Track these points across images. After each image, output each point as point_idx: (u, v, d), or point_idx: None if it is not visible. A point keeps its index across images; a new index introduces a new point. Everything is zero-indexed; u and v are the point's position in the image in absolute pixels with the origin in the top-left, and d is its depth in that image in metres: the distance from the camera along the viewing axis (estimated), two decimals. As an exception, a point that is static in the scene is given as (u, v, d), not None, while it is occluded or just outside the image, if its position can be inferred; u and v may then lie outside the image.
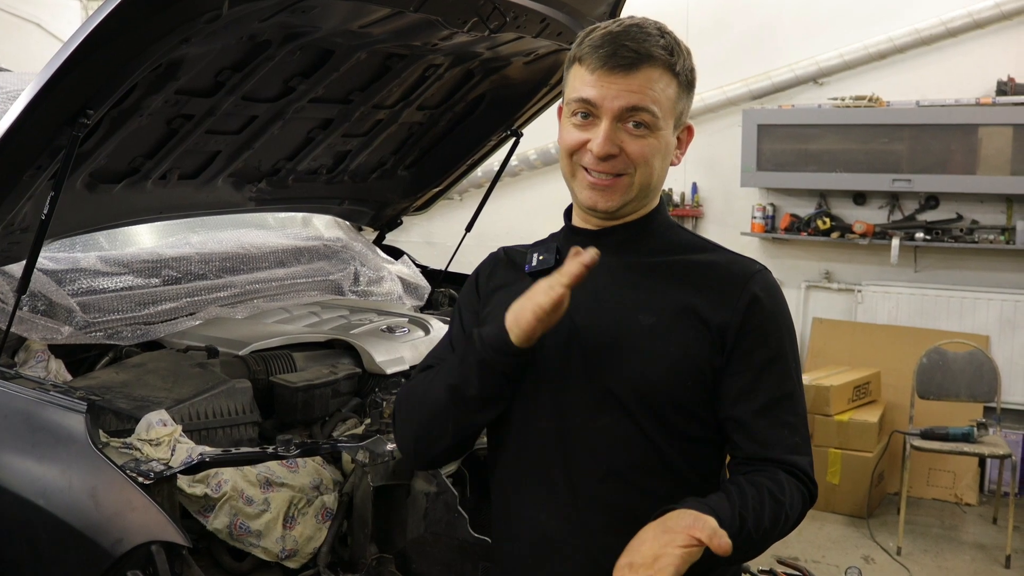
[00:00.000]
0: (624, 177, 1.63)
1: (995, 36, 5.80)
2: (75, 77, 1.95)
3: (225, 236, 3.30)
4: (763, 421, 1.62)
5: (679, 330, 1.61)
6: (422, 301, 3.75)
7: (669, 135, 1.66)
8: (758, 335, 1.63)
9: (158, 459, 1.98)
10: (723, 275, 1.67)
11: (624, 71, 1.59)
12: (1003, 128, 5.56)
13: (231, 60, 2.42)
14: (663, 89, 1.62)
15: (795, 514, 1.61)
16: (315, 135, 3.07)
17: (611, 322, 1.64)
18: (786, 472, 1.61)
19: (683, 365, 1.60)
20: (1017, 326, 5.79)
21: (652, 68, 1.60)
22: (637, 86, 1.59)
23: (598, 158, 1.61)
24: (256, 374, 2.52)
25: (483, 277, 1.84)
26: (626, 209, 1.67)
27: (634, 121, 1.61)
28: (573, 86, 1.65)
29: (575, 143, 1.64)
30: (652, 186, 1.67)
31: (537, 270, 1.71)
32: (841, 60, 6.09)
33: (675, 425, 1.62)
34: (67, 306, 2.56)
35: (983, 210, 5.91)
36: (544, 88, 3.35)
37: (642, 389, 1.60)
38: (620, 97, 1.59)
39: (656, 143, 1.63)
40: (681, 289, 1.65)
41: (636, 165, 1.62)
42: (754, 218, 6.38)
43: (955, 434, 4.88)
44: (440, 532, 2.17)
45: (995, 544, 4.98)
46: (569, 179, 1.69)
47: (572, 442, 1.62)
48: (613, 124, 1.60)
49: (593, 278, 1.63)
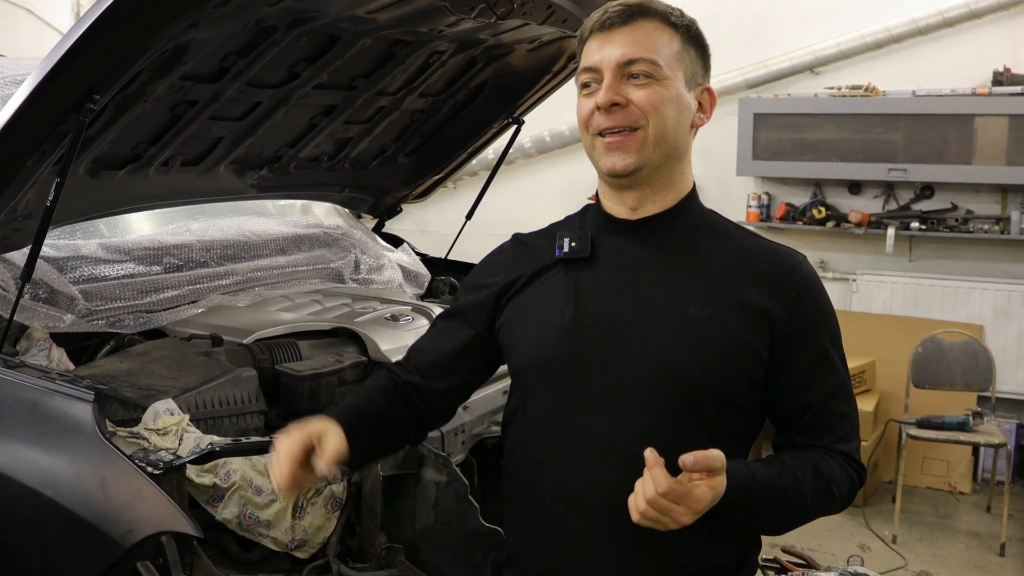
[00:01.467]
0: (637, 131, 1.60)
1: (992, 26, 5.80)
2: (82, 61, 1.91)
3: (225, 223, 3.28)
4: (819, 415, 1.64)
5: (732, 322, 1.59)
6: (422, 289, 3.73)
7: (680, 88, 1.63)
8: (809, 328, 1.63)
9: (166, 448, 1.96)
10: (769, 267, 1.65)
11: (619, 25, 1.61)
12: (999, 118, 5.56)
13: (237, 45, 2.39)
14: (665, 42, 1.62)
15: (842, 493, 1.63)
16: (317, 122, 3.04)
17: (660, 315, 1.60)
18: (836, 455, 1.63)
19: (735, 359, 1.59)
20: (1011, 315, 5.81)
21: (647, 20, 1.61)
22: (633, 38, 1.60)
23: (604, 108, 1.59)
24: (261, 363, 2.49)
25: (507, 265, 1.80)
26: (647, 172, 1.63)
27: (633, 73, 1.60)
28: (581, 63, 1.66)
29: (586, 112, 1.64)
30: (670, 142, 1.63)
31: (570, 257, 1.69)
32: (838, 49, 6.08)
33: (720, 421, 1.61)
34: (69, 294, 2.53)
35: (978, 200, 5.92)
36: (547, 75, 3.33)
37: (696, 385, 1.57)
38: (616, 50, 1.60)
39: (664, 91, 1.61)
40: (729, 281, 1.62)
41: (646, 114, 1.60)
42: (749, 207, 6.37)
43: (951, 423, 4.89)
44: (450, 522, 2.15)
45: (989, 532, 5.01)
46: (591, 153, 1.68)
47: (604, 441, 1.59)
48: (615, 78, 1.60)
49: (633, 268, 1.61)
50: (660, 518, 1.43)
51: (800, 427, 1.65)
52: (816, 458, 1.62)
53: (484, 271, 1.84)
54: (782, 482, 1.55)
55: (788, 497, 1.56)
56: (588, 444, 1.60)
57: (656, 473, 1.41)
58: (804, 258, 1.70)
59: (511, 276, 1.76)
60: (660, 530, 1.45)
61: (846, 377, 1.68)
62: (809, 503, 1.59)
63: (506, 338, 1.74)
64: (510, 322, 1.73)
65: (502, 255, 1.84)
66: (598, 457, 1.59)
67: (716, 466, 1.44)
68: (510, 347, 1.73)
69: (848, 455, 1.66)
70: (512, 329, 1.73)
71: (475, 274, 1.86)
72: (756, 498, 1.53)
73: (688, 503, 1.42)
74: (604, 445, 1.58)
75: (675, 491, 1.40)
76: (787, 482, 1.56)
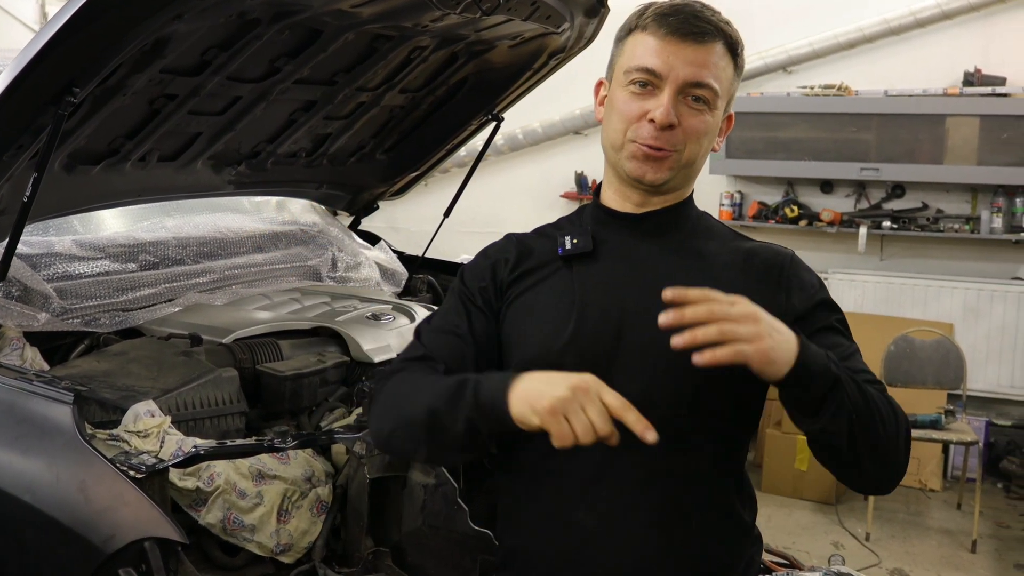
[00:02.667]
0: (674, 154, 1.60)
1: (963, 27, 5.86)
2: (62, 53, 1.86)
3: (201, 220, 3.21)
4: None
5: None
6: (400, 287, 3.69)
7: (720, 116, 1.64)
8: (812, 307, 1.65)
9: (148, 451, 1.91)
10: (764, 262, 1.67)
11: (693, 41, 1.57)
12: (970, 118, 5.62)
13: (219, 39, 2.34)
14: (724, 68, 1.60)
15: (902, 421, 1.56)
16: (297, 117, 2.99)
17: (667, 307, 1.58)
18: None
19: None
20: (980, 314, 5.86)
21: (718, 44, 1.59)
22: (703, 59, 1.57)
23: (660, 127, 1.56)
24: (242, 363, 2.45)
25: (501, 262, 1.74)
26: (668, 186, 1.64)
27: (695, 96, 1.58)
28: (633, 54, 1.61)
29: (633, 113, 1.60)
30: (695, 166, 1.65)
31: (572, 254, 1.66)
32: (811, 48, 6.12)
33: (729, 408, 1.61)
34: (43, 292, 2.47)
35: (948, 199, 5.98)
36: (527, 72, 3.30)
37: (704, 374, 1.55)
38: (686, 68, 1.57)
39: (712, 121, 1.61)
40: (730, 275, 1.63)
41: (688, 141, 1.59)
42: (722, 205, 6.39)
43: (923, 421, 4.92)
44: (438, 525, 2.11)
45: (960, 529, 5.05)
46: (615, 150, 1.64)
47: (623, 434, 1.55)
48: (675, 95, 1.57)
49: (636, 262, 1.59)
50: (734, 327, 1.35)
51: None
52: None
53: (475, 275, 1.78)
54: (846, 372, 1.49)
55: (860, 385, 1.49)
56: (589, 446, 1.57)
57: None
58: (793, 253, 1.73)
59: (512, 276, 1.72)
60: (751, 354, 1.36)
61: (857, 350, 1.66)
62: (879, 403, 1.52)
63: (510, 336, 1.70)
64: (514, 320, 1.70)
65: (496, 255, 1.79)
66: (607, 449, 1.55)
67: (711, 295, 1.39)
68: (514, 344, 1.69)
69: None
70: (516, 327, 1.69)
71: (471, 277, 1.79)
72: (831, 359, 1.46)
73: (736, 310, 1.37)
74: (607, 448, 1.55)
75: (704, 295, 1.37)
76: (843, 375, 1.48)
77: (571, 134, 6.63)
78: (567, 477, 1.61)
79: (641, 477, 1.56)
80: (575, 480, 1.61)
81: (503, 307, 1.71)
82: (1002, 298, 5.84)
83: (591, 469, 1.59)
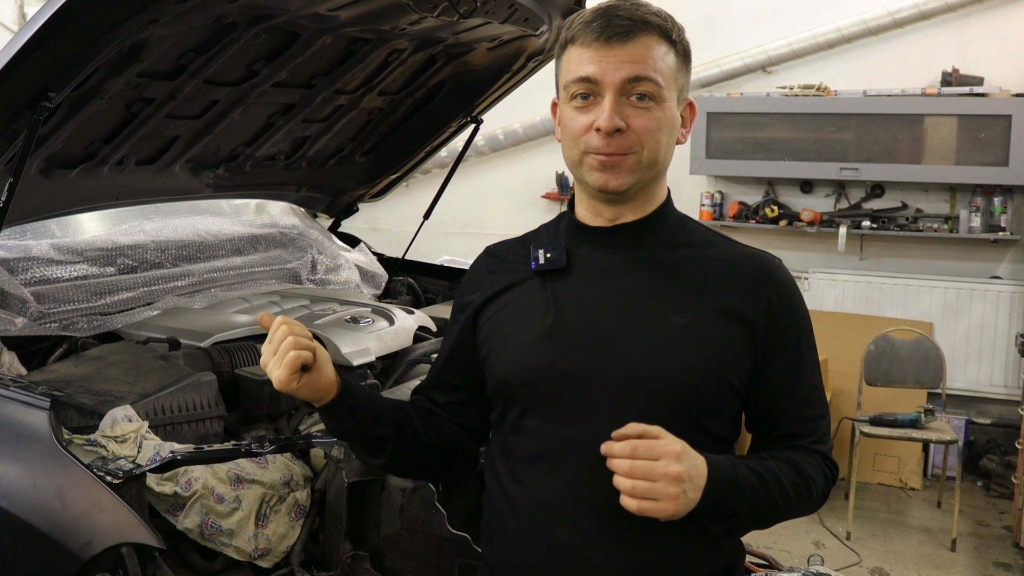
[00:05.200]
0: (631, 156, 1.58)
1: (940, 27, 5.90)
2: (37, 57, 1.85)
3: (180, 223, 3.20)
4: (795, 420, 1.66)
5: (714, 329, 1.58)
6: (380, 289, 3.69)
7: (674, 108, 1.61)
8: (787, 331, 1.64)
9: (125, 456, 1.91)
10: (746, 272, 1.64)
11: (621, 40, 1.55)
12: (948, 118, 5.66)
13: (195, 42, 2.34)
14: (663, 57, 1.58)
15: (819, 492, 1.66)
16: (275, 120, 2.99)
17: (641, 324, 1.59)
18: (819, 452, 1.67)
19: (718, 365, 1.58)
20: (960, 313, 5.90)
21: (649, 36, 1.57)
22: (637, 55, 1.55)
23: (606, 133, 1.55)
24: (220, 367, 2.44)
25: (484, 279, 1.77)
26: (634, 190, 1.62)
27: (638, 93, 1.56)
28: (568, 69, 1.60)
29: (580, 127, 1.58)
30: (660, 165, 1.62)
31: (547, 268, 1.66)
32: (790, 49, 6.14)
33: (704, 425, 1.59)
34: (20, 296, 2.46)
35: (927, 199, 6.02)
36: (506, 74, 3.31)
37: (682, 392, 1.56)
38: (620, 68, 1.55)
39: (662, 116, 1.58)
40: (708, 287, 1.62)
41: (643, 141, 1.57)
42: (702, 206, 6.41)
43: (903, 420, 4.96)
44: (417, 528, 2.12)
45: (940, 528, 5.08)
46: (576, 167, 1.63)
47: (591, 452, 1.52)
48: (617, 98, 1.55)
49: (611, 276, 1.59)
50: (649, 486, 1.42)
51: (777, 431, 1.67)
52: (795, 455, 1.63)
53: (463, 291, 1.82)
54: (764, 472, 1.55)
55: (771, 489, 1.56)
56: (574, 454, 1.58)
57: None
58: (780, 261, 1.70)
59: (488, 292, 1.74)
60: (658, 513, 1.43)
61: (819, 379, 1.70)
62: (791, 496, 1.59)
63: (486, 352, 1.71)
64: (490, 336, 1.71)
65: (477, 269, 1.81)
66: (585, 467, 1.56)
67: (652, 431, 1.45)
68: (490, 361, 1.70)
69: (824, 455, 1.67)
70: (492, 343, 1.70)
71: (457, 295, 1.85)
72: (740, 484, 1.52)
73: (661, 449, 1.42)
74: (591, 454, 1.54)
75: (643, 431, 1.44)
76: (769, 474, 1.56)
77: (551, 135, 6.63)
78: (548, 495, 1.61)
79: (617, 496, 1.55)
80: (555, 498, 1.61)
81: (481, 325, 1.73)
82: (981, 297, 5.88)
83: (572, 488, 1.59)
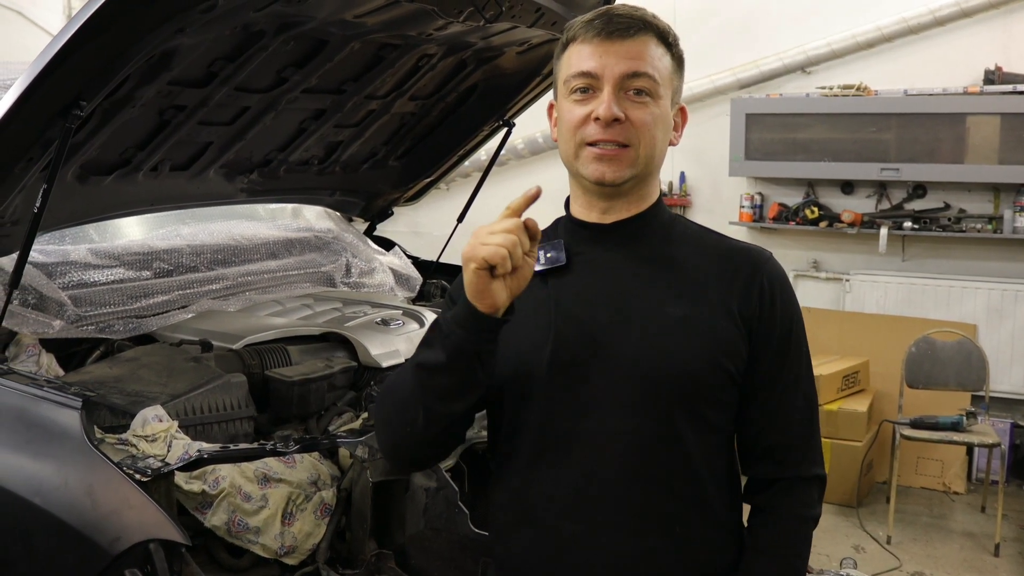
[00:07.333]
0: (629, 149, 1.60)
1: (982, 25, 5.80)
2: (68, 67, 1.91)
3: (216, 228, 3.27)
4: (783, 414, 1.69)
5: (710, 319, 1.60)
6: (414, 292, 3.73)
7: (668, 107, 1.65)
8: (779, 321, 1.66)
9: (154, 455, 1.95)
10: (738, 265, 1.67)
11: (621, 37, 1.59)
12: (991, 117, 5.57)
13: (225, 50, 2.39)
14: (660, 57, 1.62)
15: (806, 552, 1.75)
16: (307, 126, 3.04)
17: (638, 317, 1.61)
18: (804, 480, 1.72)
19: (716, 354, 1.60)
20: (1004, 315, 5.81)
21: (648, 36, 1.61)
22: (636, 52, 1.59)
23: (605, 122, 1.58)
24: (251, 368, 2.49)
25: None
26: (629, 184, 1.64)
27: (635, 88, 1.59)
28: (569, 64, 1.64)
29: (578, 118, 1.61)
30: (654, 161, 1.66)
31: (547, 268, 1.68)
32: (829, 49, 6.08)
33: (704, 415, 1.61)
34: (58, 299, 2.52)
35: (970, 199, 5.92)
36: (537, 78, 3.33)
37: (681, 381, 1.58)
38: (620, 63, 1.59)
39: (658, 112, 1.62)
40: (702, 281, 1.64)
41: (640, 134, 1.60)
42: (742, 207, 6.37)
43: (944, 423, 4.89)
44: (440, 527, 2.15)
45: (984, 532, 5.00)
46: (572, 160, 1.65)
47: (596, 444, 1.58)
48: (615, 91, 1.59)
49: (610, 272, 1.61)
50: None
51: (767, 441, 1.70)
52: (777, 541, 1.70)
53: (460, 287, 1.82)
54: None
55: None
56: (579, 447, 1.60)
57: None
58: (771, 254, 1.72)
59: None
60: None
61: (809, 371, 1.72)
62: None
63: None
64: None
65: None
66: (590, 458, 1.59)
67: None
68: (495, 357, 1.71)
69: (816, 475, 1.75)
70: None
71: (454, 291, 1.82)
72: None
73: None
74: (595, 446, 1.58)
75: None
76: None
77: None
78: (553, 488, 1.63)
79: (623, 485, 1.58)
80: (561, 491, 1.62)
81: None
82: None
83: (577, 480, 1.61)
